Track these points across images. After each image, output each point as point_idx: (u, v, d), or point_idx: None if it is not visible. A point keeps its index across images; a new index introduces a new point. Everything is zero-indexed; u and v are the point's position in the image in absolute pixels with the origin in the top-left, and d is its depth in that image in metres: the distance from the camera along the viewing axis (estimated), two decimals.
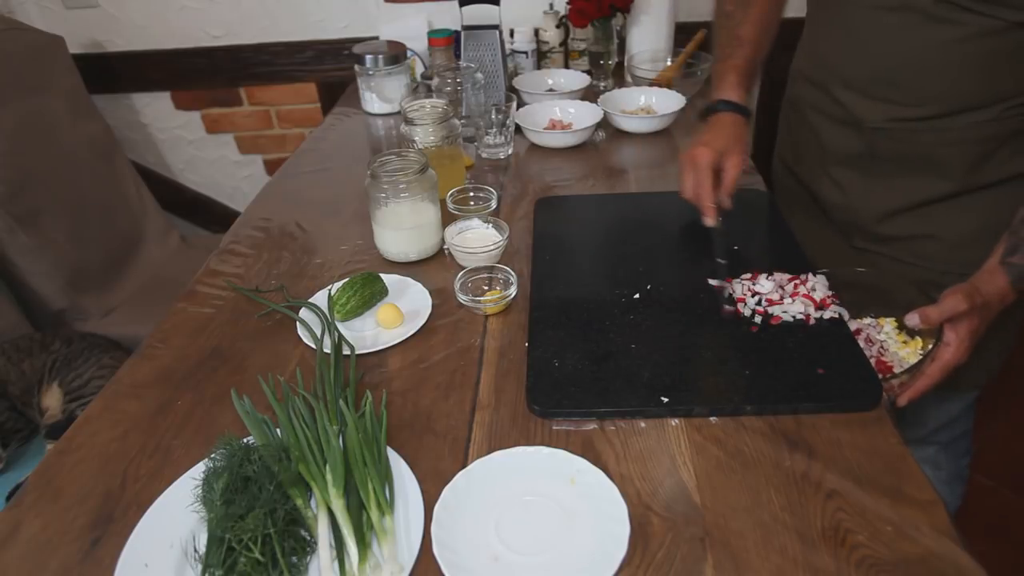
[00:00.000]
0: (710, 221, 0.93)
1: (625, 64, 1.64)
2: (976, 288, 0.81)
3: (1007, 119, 0.89)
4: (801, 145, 1.12)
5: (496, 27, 1.50)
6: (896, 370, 0.83)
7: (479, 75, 1.34)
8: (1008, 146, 0.91)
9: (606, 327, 0.83)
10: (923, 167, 0.96)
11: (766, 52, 1.06)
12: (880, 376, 0.81)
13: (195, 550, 0.61)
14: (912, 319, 0.82)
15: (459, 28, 1.52)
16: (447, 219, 1.03)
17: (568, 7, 1.61)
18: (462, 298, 0.89)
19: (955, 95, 0.90)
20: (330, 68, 1.98)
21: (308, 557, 0.61)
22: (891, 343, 0.89)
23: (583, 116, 1.41)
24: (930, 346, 0.83)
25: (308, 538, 0.61)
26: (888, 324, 0.91)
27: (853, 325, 0.93)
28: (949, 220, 0.97)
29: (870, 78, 0.95)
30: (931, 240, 0.99)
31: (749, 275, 0.89)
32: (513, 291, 0.89)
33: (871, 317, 0.93)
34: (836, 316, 0.82)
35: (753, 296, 0.85)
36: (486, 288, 0.93)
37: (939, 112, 0.91)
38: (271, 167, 2.18)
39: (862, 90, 0.97)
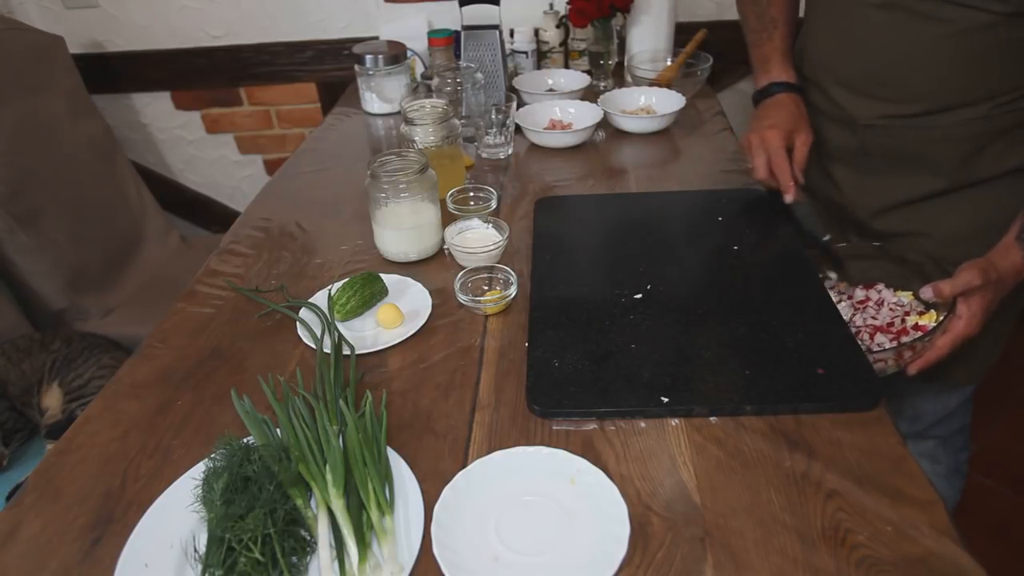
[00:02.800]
0: (790, 197, 0.97)
1: (625, 64, 1.64)
2: (992, 263, 0.82)
3: (996, 116, 0.90)
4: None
5: (496, 27, 1.50)
6: (905, 340, 0.83)
7: (479, 75, 1.34)
8: (998, 143, 0.91)
9: (606, 327, 0.83)
10: (915, 164, 0.96)
11: (795, 29, 1.08)
12: (895, 343, 0.81)
13: (195, 550, 0.61)
14: (926, 292, 0.83)
15: (459, 28, 1.52)
16: (447, 219, 1.03)
17: (568, 7, 1.61)
18: (462, 298, 0.89)
19: (944, 92, 0.90)
20: (330, 68, 1.98)
21: (308, 557, 0.61)
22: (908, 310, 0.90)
23: (583, 116, 1.41)
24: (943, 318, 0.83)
25: (308, 538, 0.61)
26: (904, 296, 0.91)
27: (875, 293, 0.92)
28: (941, 217, 0.98)
29: (861, 76, 0.96)
30: (924, 237, 0.99)
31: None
32: (513, 291, 0.89)
33: (888, 289, 0.93)
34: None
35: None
36: (486, 288, 0.93)
37: (928, 109, 0.92)
38: (271, 167, 2.18)
39: (854, 87, 0.97)
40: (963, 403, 1.13)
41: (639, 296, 0.88)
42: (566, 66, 1.74)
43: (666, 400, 0.72)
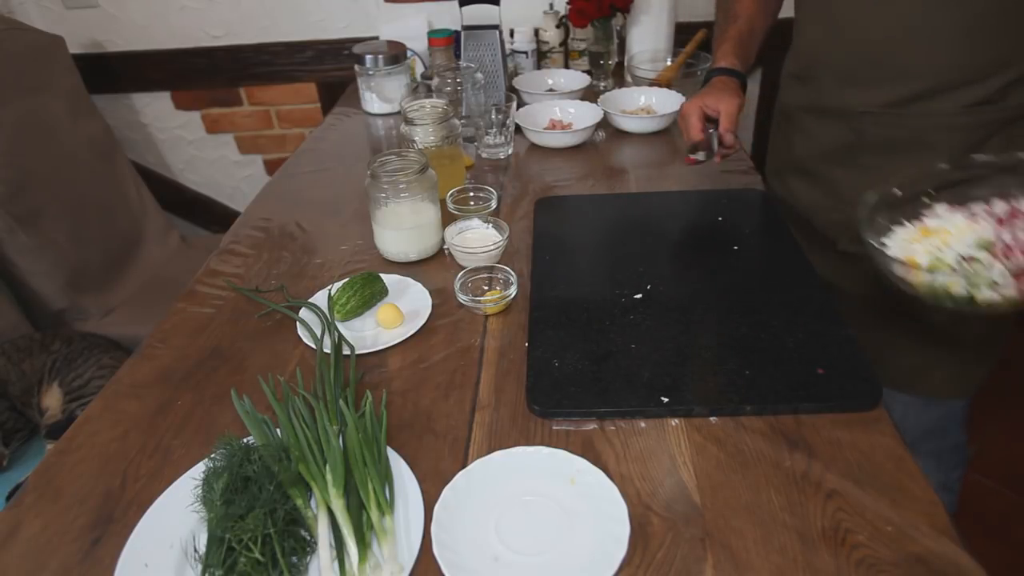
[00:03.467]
0: (701, 156, 1.02)
1: (625, 64, 1.64)
2: None
3: (998, 104, 0.88)
4: (791, 150, 1.12)
5: (496, 27, 1.50)
6: None
7: (479, 75, 1.34)
8: (998, 136, 0.90)
9: (606, 327, 0.83)
10: (914, 156, 0.95)
11: (766, 24, 1.10)
12: None
13: (195, 550, 0.61)
14: None
15: (459, 28, 1.52)
16: (447, 219, 1.03)
17: (568, 7, 1.61)
18: (462, 298, 0.89)
19: (944, 68, 0.88)
20: (330, 68, 1.98)
21: (308, 557, 0.61)
22: None
23: (583, 116, 1.41)
24: None
25: (308, 538, 0.61)
26: None
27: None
28: None
29: (852, 60, 0.95)
30: None
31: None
32: (513, 291, 0.89)
33: None
34: None
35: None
36: (486, 288, 0.93)
37: (929, 88, 0.90)
38: (271, 167, 2.18)
39: (846, 76, 0.96)
40: (954, 418, 1.11)
41: (639, 296, 0.88)
42: (566, 66, 1.75)
43: (666, 400, 0.72)
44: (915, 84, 0.90)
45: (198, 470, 0.67)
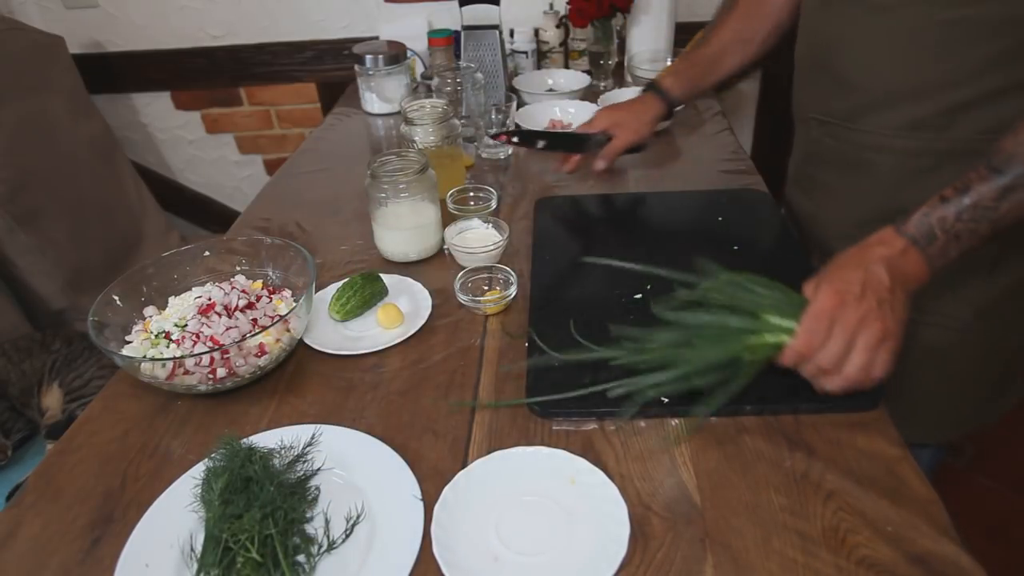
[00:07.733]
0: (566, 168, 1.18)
1: (625, 64, 1.64)
2: None
3: (933, 136, 0.82)
4: (796, 160, 1.10)
5: (496, 27, 1.50)
6: None
7: (479, 75, 1.34)
8: (949, 170, 0.80)
9: (606, 327, 0.83)
10: (859, 176, 0.90)
11: (740, 61, 1.11)
12: None
13: (191, 549, 0.61)
14: None
15: (459, 28, 1.52)
16: (447, 219, 1.03)
17: (568, 7, 1.61)
18: (462, 298, 0.89)
19: (875, 81, 0.84)
20: (330, 68, 1.98)
21: (315, 557, 0.60)
22: None
23: (583, 116, 1.40)
24: None
25: (311, 536, 0.62)
26: None
27: None
28: None
29: (806, 65, 0.94)
30: None
31: None
32: (513, 291, 0.89)
33: None
34: None
35: None
36: (486, 288, 0.93)
37: (865, 101, 0.86)
38: (271, 167, 2.18)
39: (803, 79, 0.96)
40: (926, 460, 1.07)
41: (639, 296, 0.88)
42: (566, 66, 1.74)
43: (666, 400, 0.72)
44: (856, 95, 0.87)
45: (198, 470, 0.67)
